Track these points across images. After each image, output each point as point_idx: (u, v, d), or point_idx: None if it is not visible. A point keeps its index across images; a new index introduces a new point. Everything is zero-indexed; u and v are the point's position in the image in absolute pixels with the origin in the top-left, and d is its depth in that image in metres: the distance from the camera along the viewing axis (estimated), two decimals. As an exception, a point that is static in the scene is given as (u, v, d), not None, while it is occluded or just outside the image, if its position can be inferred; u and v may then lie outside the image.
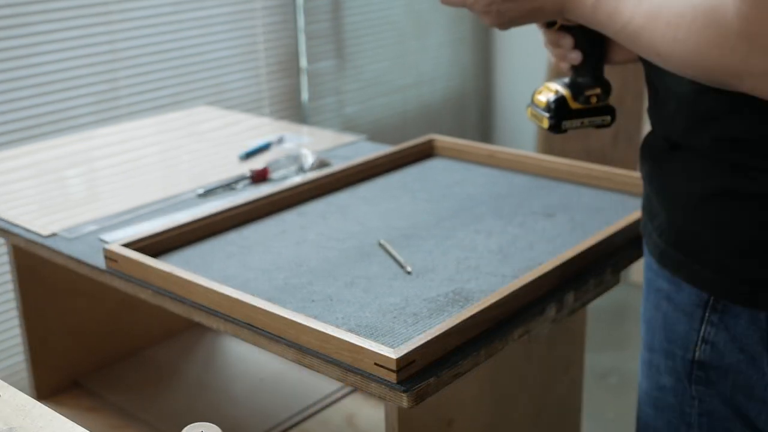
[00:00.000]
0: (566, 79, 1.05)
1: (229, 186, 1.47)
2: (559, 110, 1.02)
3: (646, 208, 0.96)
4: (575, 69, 1.03)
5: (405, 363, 0.87)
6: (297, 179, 1.48)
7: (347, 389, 1.52)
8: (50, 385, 1.56)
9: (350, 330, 0.96)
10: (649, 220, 0.95)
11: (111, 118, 2.33)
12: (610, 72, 1.07)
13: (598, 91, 1.03)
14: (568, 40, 1.01)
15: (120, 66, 2.35)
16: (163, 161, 1.63)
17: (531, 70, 3.39)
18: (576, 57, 1.01)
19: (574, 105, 1.03)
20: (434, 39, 3.40)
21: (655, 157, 0.92)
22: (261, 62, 2.73)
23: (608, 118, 1.04)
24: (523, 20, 0.97)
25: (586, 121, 1.03)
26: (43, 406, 0.79)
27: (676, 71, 0.82)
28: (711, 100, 0.81)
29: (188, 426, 0.74)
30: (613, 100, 1.07)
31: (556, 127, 1.03)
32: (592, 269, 1.11)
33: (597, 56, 1.03)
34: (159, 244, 1.20)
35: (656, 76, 0.90)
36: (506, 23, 0.98)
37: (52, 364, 1.56)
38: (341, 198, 1.39)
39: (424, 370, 0.89)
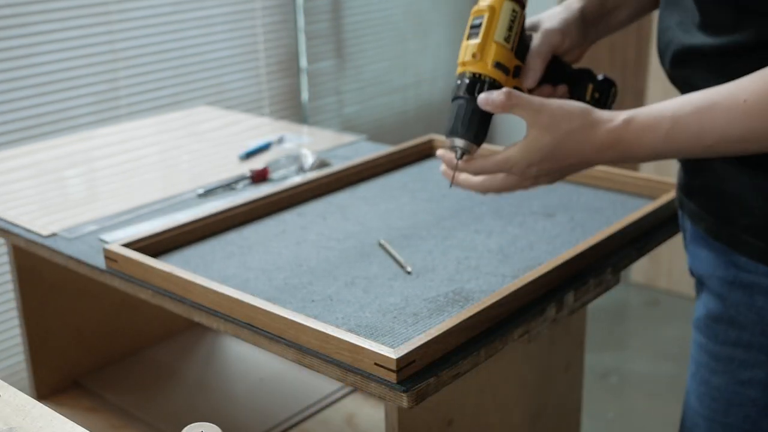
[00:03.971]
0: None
1: (229, 186, 1.47)
2: None
3: (729, 209, 0.93)
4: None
5: (405, 363, 0.87)
6: (297, 179, 1.48)
7: (347, 389, 1.53)
8: (50, 385, 1.56)
9: (350, 330, 0.96)
10: (728, 222, 0.93)
11: (111, 118, 2.33)
12: (609, 71, 1.08)
13: (590, 88, 1.06)
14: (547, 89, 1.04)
15: (120, 66, 2.35)
16: (163, 161, 1.63)
17: (531, 70, 3.38)
18: (562, 90, 1.04)
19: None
20: (434, 39, 3.40)
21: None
22: (261, 62, 2.73)
23: (613, 89, 1.07)
24: (571, 171, 0.95)
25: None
26: (43, 406, 0.79)
27: None
28: None
29: (188, 426, 0.74)
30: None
31: None
32: (592, 269, 1.11)
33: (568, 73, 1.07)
34: (159, 244, 1.20)
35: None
36: (555, 179, 0.96)
37: (52, 364, 1.56)
38: (341, 198, 1.39)
39: (424, 370, 0.89)
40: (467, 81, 0.96)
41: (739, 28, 0.89)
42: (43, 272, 1.51)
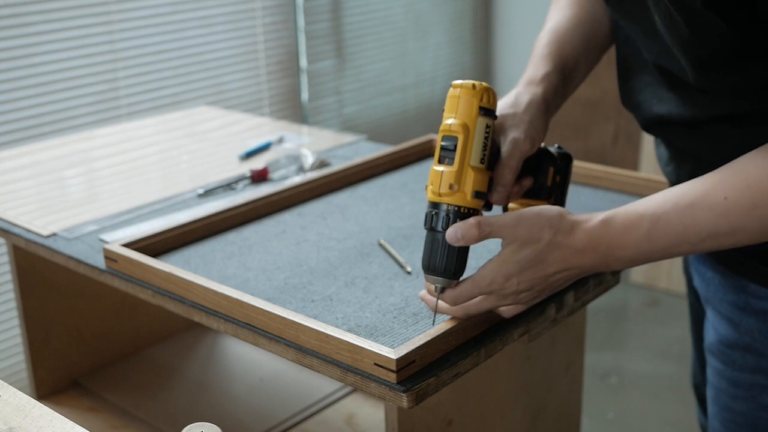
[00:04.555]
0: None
1: (229, 186, 1.47)
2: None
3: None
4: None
5: (405, 363, 0.87)
6: (297, 179, 1.48)
7: (347, 389, 1.53)
8: (50, 385, 1.56)
9: (350, 330, 0.96)
10: (734, 248, 0.91)
11: (111, 118, 2.34)
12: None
13: (551, 171, 1.01)
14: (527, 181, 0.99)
15: (120, 66, 2.35)
16: (163, 161, 1.63)
17: (531, 70, 3.38)
18: (528, 182, 0.99)
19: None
20: (434, 39, 3.40)
21: None
22: (261, 62, 2.73)
23: (570, 165, 1.03)
24: (557, 286, 0.90)
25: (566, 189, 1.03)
26: (43, 406, 0.79)
27: None
28: None
29: (188, 426, 0.74)
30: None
31: None
32: (592, 269, 1.11)
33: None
34: (159, 244, 1.20)
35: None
36: (541, 296, 0.91)
37: (52, 364, 1.56)
38: (341, 198, 1.39)
39: (423, 370, 0.89)
40: (444, 215, 0.88)
41: (703, 102, 0.89)
42: (43, 272, 1.51)
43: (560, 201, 1.03)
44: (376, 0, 3.10)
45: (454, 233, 0.86)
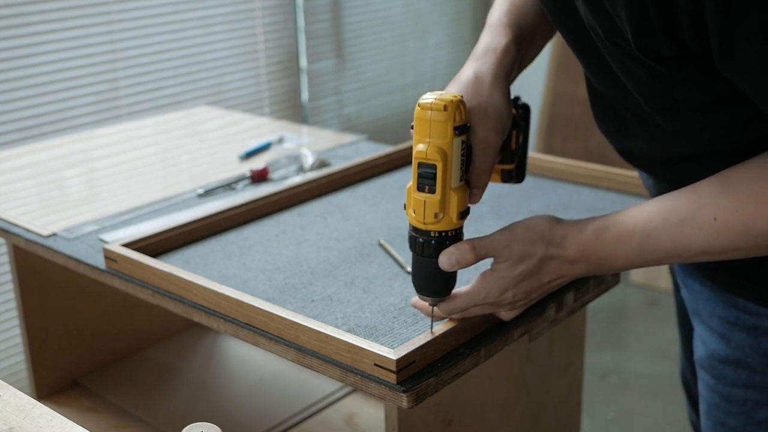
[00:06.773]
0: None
1: (229, 186, 1.47)
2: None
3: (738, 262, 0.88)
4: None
5: (405, 363, 0.87)
6: (297, 179, 1.48)
7: (347, 389, 1.53)
8: (50, 385, 1.56)
9: (350, 330, 0.96)
10: (723, 265, 0.90)
11: (111, 118, 2.33)
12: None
13: (515, 135, 1.00)
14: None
15: (120, 66, 2.35)
16: (163, 161, 1.63)
17: (530, 70, 3.38)
18: (497, 159, 0.96)
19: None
20: (434, 39, 3.40)
21: None
22: (261, 62, 2.73)
23: (528, 118, 1.01)
24: (542, 294, 0.93)
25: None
26: (43, 406, 0.79)
27: None
28: None
29: (188, 426, 0.74)
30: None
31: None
32: (592, 269, 1.11)
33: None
34: (159, 244, 1.20)
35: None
36: (528, 303, 0.94)
37: (52, 364, 1.56)
38: (341, 198, 1.39)
39: (423, 371, 0.89)
40: (434, 243, 0.87)
41: (669, 141, 0.87)
42: (43, 272, 1.51)
43: (523, 160, 1.02)
44: (376, 0, 3.10)
45: (448, 260, 0.87)
